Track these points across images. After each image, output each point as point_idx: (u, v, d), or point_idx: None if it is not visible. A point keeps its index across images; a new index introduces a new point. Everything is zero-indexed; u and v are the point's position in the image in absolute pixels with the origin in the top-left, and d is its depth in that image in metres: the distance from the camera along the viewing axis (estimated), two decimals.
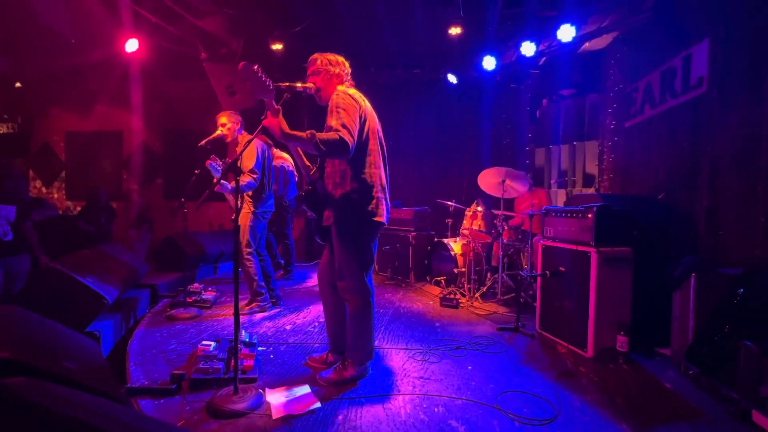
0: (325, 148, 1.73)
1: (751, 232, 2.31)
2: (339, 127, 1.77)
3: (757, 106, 2.32)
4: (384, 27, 4.47)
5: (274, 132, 1.76)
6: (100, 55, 4.79)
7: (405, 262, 4.50)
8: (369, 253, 1.98)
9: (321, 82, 1.98)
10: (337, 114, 1.81)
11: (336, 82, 2.00)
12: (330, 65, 1.98)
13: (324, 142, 1.72)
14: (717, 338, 2.00)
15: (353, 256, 1.94)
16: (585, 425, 1.66)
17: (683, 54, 2.97)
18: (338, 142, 1.74)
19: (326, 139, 1.72)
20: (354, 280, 1.94)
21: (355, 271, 1.94)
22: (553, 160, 5.20)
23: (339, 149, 1.75)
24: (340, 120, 1.79)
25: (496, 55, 4.54)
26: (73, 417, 0.97)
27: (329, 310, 2.16)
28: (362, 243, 1.96)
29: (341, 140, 1.74)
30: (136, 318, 3.02)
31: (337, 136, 1.74)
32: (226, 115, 3.08)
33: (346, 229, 1.94)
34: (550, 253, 2.73)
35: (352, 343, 2.01)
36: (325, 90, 1.98)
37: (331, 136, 1.74)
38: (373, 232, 1.99)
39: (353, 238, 1.94)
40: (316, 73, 1.98)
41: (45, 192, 6.51)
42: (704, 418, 1.74)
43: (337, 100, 1.85)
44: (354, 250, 1.94)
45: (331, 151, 1.76)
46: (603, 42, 4.02)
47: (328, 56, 2.00)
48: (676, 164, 3.04)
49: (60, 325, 1.73)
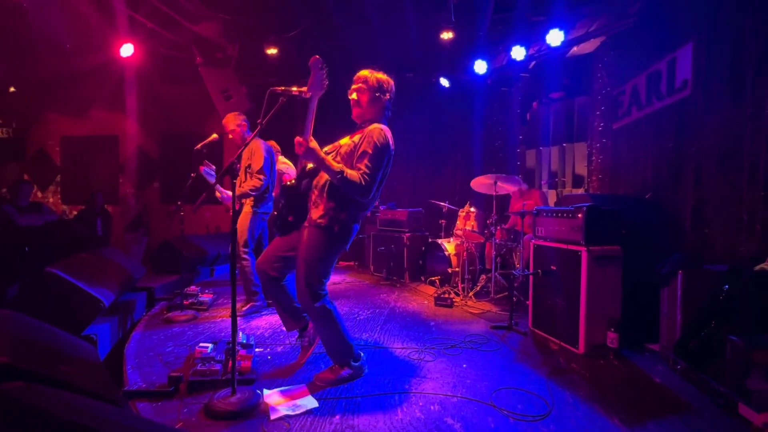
0: (345, 186, 1.80)
1: (735, 229, 2.37)
2: (365, 169, 1.82)
3: (739, 108, 2.39)
4: (377, 32, 4.53)
5: (314, 157, 1.78)
6: (96, 60, 4.80)
7: (400, 263, 4.53)
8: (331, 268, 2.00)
9: (364, 102, 1.96)
10: (371, 157, 1.84)
11: (378, 107, 1.98)
12: (380, 91, 1.96)
13: (348, 181, 1.78)
14: (704, 333, 2.05)
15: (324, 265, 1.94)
16: (578, 420, 1.69)
17: (668, 58, 3.05)
18: (360, 187, 1.81)
19: (350, 180, 1.78)
20: (318, 289, 1.93)
21: (321, 280, 1.94)
22: (543, 162, 5.28)
23: (359, 192, 1.82)
24: (370, 164, 1.83)
25: (487, 59, 4.62)
26: (71, 420, 0.99)
27: (277, 301, 2.12)
28: (331, 258, 1.96)
29: (363, 186, 1.81)
30: (133, 321, 3.01)
31: (361, 180, 1.80)
32: (231, 119, 3.11)
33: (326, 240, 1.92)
34: (542, 252, 2.78)
35: (329, 349, 2.03)
36: (364, 110, 1.98)
37: (354, 178, 1.79)
38: (339, 253, 2.00)
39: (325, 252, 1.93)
40: (362, 92, 1.97)
41: (40, 196, 6.47)
42: (693, 411, 1.78)
43: (377, 137, 1.87)
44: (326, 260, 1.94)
45: (349, 190, 1.82)
46: (591, 46, 4.11)
47: (379, 77, 1.97)
48: (663, 164, 3.11)
49: (57, 329, 1.74)
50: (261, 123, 1.84)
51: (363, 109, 1.99)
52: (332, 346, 2.02)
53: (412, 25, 4.37)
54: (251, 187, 3.01)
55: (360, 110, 1.99)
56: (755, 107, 2.27)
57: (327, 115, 2.01)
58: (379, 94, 1.97)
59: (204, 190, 2.08)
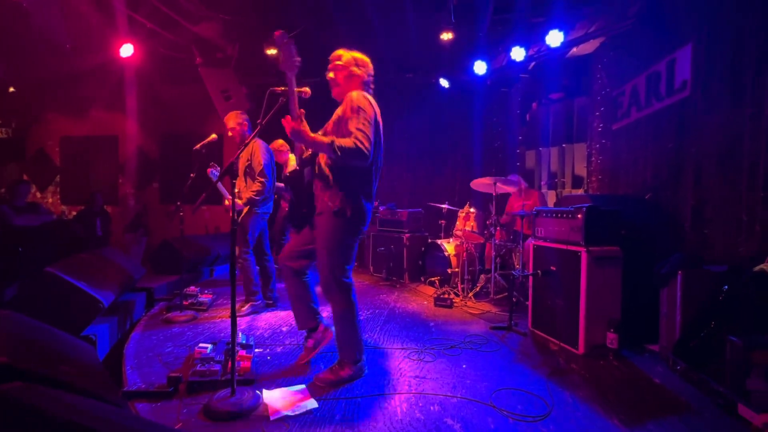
0: (340, 154, 1.73)
1: (735, 229, 2.37)
2: (356, 132, 1.77)
3: (738, 108, 2.40)
4: (377, 32, 4.53)
5: (300, 138, 1.75)
6: (95, 61, 4.80)
7: (399, 263, 4.53)
8: (353, 253, 1.99)
9: (341, 78, 1.96)
10: (357, 119, 1.80)
11: (356, 82, 1.97)
12: (356, 65, 1.97)
13: (342, 149, 1.73)
14: (704, 334, 2.05)
15: (344, 251, 1.94)
16: (577, 420, 1.70)
17: (667, 58, 3.05)
18: (356, 151, 1.75)
19: (344, 147, 1.73)
20: (342, 276, 1.94)
21: (344, 267, 1.94)
22: (542, 162, 5.29)
23: (356, 156, 1.76)
24: (359, 125, 1.79)
25: (486, 60, 4.62)
26: (70, 421, 0.99)
27: (296, 294, 2.13)
28: (350, 243, 1.96)
29: (359, 149, 1.75)
30: (133, 321, 3.01)
31: (355, 144, 1.75)
32: (232, 117, 3.12)
33: (341, 225, 1.92)
34: (542, 252, 2.78)
35: (341, 343, 2.03)
36: (342, 87, 1.97)
37: (348, 144, 1.75)
38: (358, 235, 1.99)
39: (342, 236, 1.93)
40: (338, 69, 1.96)
41: (40, 197, 6.47)
42: (692, 411, 1.78)
43: (356, 99, 1.85)
44: (346, 245, 1.94)
45: (347, 157, 1.76)
46: (590, 47, 4.11)
47: (354, 55, 1.98)
48: (662, 165, 3.11)
49: (56, 330, 1.74)
50: (261, 123, 1.84)
51: (341, 87, 1.98)
52: (346, 340, 2.01)
53: (412, 25, 4.38)
54: (255, 192, 3.03)
55: (339, 89, 1.98)
56: (755, 107, 2.28)
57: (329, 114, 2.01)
58: (354, 68, 1.96)
59: (204, 190, 2.08)
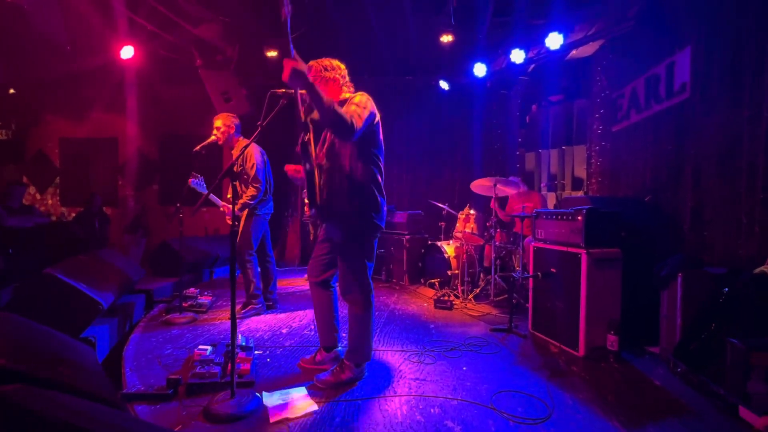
0: (333, 118, 1.70)
1: (735, 231, 2.38)
2: (354, 110, 1.80)
3: (737, 110, 2.40)
4: (377, 35, 4.55)
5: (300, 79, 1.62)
6: (95, 62, 4.80)
7: (399, 265, 4.53)
8: (373, 251, 2.01)
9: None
10: (357, 104, 1.84)
11: (332, 86, 2.00)
12: (324, 71, 1.99)
13: (336, 113, 1.69)
14: (704, 336, 2.05)
15: (363, 252, 1.96)
16: (578, 423, 1.69)
17: (667, 61, 3.07)
18: (347, 124, 1.73)
19: (338, 113, 1.71)
20: (364, 278, 1.97)
21: (363, 269, 1.97)
22: (542, 164, 5.30)
23: (345, 128, 1.74)
24: (358, 108, 1.82)
25: (486, 62, 4.64)
26: (69, 423, 0.98)
27: (319, 308, 2.17)
28: (369, 240, 1.98)
29: (351, 125, 1.75)
30: (132, 323, 3.00)
31: (350, 117, 1.75)
32: (221, 118, 3.10)
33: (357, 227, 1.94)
34: (542, 254, 2.78)
35: (352, 344, 2.03)
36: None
37: (344, 113, 1.75)
38: (377, 232, 2.01)
39: (362, 235, 1.95)
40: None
41: (39, 198, 6.46)
42: (693, 414, 1.78)
43: (358, 96, 1.90)
44: (361, 249, 1.96)
45: (335, 124, 1.74)
46: (590, 49, 4.13)
47: (322, 62, 2.02)
48: (662, 167, 3.12)
49: (55, 331, 1.72)
50: (261, 125, 1.84)
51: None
52: (356, 344, 2.02)
53: (412, 28, 4.40)
54: (249, 198, 3.03)
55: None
56: (754, 109, 2.28)
57: None
58: (324, 73, 1.98)
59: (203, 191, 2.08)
